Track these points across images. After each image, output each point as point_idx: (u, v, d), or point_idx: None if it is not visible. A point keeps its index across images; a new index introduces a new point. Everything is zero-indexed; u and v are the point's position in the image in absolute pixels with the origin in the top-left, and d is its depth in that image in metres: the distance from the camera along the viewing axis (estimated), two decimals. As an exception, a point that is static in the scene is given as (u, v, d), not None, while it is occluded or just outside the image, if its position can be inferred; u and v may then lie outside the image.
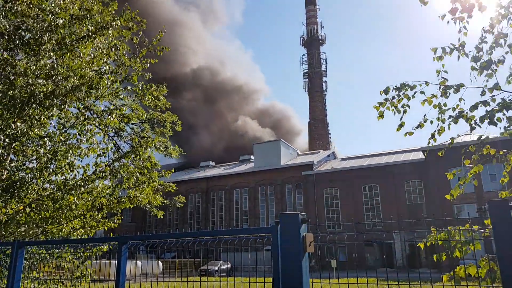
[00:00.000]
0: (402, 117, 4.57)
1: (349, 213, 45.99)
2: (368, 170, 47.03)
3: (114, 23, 7.15)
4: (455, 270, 3.88)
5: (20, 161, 6.87)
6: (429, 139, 4.49)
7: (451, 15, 4.32)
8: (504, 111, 4.11)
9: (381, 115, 4.62)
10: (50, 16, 6.47)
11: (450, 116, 4.40)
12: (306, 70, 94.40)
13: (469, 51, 4.34)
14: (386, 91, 4.51)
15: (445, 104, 4.44)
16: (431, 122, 4.48)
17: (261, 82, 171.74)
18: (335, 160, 56.17)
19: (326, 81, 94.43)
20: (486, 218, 2.94)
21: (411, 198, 44.20)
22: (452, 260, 5.01)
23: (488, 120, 4.12)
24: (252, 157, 61.23)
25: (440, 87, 4.42)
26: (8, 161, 6.73)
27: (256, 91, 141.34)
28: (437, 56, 4.43)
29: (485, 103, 4.18)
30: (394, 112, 4.56)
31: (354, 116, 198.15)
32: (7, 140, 6.34)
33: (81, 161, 7.11)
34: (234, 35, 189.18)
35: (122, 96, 8.32)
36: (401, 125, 4.61)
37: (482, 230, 3.88)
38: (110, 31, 7.12)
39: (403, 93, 4.46)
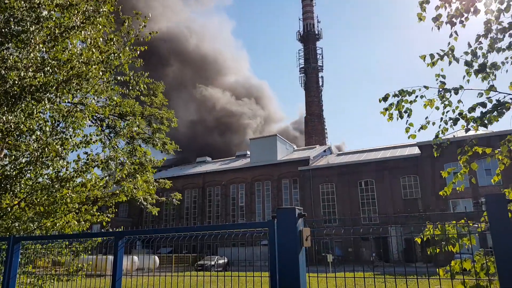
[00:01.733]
0: (407, 120, 4.66)
1: (345, 208, 46.20)
2: (364, 165, 47.18)
3: (102, 9, 7.13)
4: (451, 264, 3.91)
5: (13, 156, 6.81)
6: (434, 139, 4.64)
7: (434, 22, 4.44)
8: (495, 113, 4.18)
9: (390, 117, 4.70)
10: (37, 6, 6.39)
11: (450, 118, 4.50)
12: (303, 65, 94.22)
13: (461, 56, 4.42)
14: (386, 98, 4.58)
15: (450, 104, 4.52)
16: (433, 123, 4.59)
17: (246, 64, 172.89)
18: (331, 155, 56.30)
19: (322, 76, 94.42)
20: (483, 212, 2.96)
21: (407, 193, 44.44)
22: (448, 254, 5.06)
23: (480, 122, 4.22)
24: (248, 152, 61.24)
25: (439, 91, 4.48)
26: (2, 155, 6.68)
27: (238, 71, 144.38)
28: (430, 63, 4.50)
29: (482, 104, 4.24)
30: (397, 118, 4.65)
31: (350, 111, 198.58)
32: (0, 134, 6.28)
33: (72, 152, 7.10)
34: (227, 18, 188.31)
35: (114, 86, 8.27)
36: (409, 127, 4.70)
37: (477, 225, 3.91)
38: (99, 19, 7.07)
39: (404, 99, 4.54)
